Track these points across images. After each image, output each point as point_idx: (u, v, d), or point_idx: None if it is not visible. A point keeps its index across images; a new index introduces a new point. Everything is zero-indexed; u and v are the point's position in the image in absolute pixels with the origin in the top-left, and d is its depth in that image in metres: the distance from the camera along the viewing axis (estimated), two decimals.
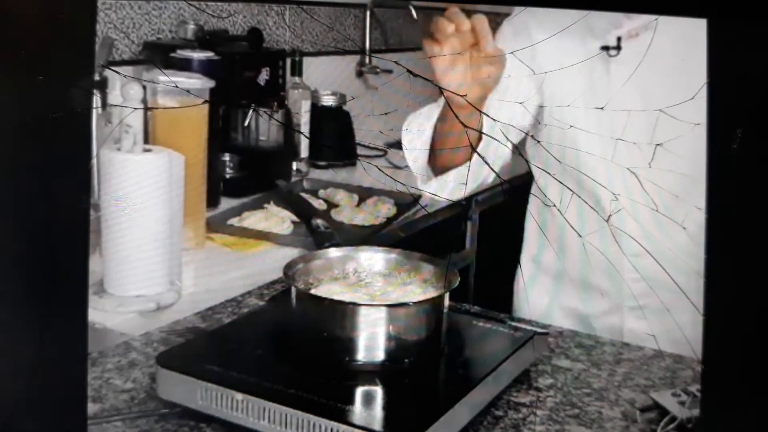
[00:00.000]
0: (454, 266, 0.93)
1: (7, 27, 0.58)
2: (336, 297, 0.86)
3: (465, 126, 0.82)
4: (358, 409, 0.76)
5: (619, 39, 1.15)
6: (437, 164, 1.12)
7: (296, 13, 2.16)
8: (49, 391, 0.64)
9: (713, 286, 0.60)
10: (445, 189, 1.12)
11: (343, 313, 0.83)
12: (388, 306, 0.84)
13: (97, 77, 1.25)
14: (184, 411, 0.79)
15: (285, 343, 0.87)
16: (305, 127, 1.95)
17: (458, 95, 0.97)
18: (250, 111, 1.75)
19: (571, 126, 0.96)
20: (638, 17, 1.13)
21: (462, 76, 0.99)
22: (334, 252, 0.97)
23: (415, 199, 1.07)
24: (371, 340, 0.82)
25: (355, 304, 0.84)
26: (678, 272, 0.81)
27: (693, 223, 0.84)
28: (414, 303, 0.85)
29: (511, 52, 1.04)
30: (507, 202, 1.70)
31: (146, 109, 1.21)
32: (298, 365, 0.83)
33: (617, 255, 1.03)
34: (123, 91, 1.16)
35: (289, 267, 0.90)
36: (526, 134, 1.05)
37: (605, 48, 1.16)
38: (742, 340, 0.59)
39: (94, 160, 1.05)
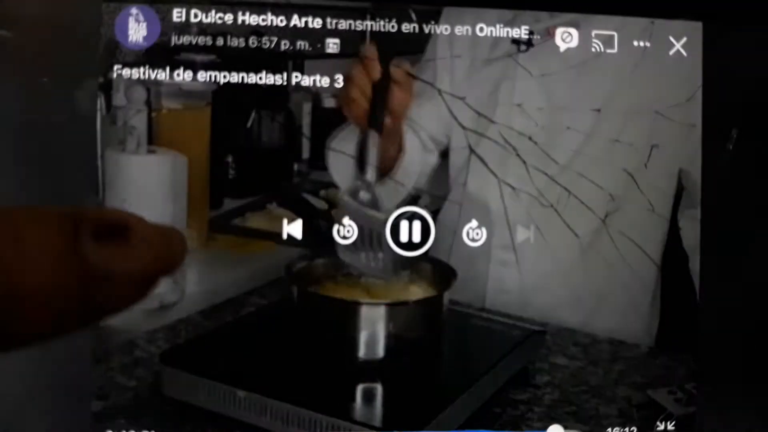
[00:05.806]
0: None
1: (11, 29, 0.59)
2: (336, 296, 0.87)
3: (458, 121, 0.83)
4: (358, 405, 0.77)
5: (531, 33, 1.13)
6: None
7: (297, 12, 2.17)
8: (53, 390, 0.65)
9: (708, 285, 0.61)
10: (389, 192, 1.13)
11: (343, 311, 0.84)
12: (388, 304, 0.85)
13: (101, 79, 1.26)
14: (188, 408, 0.80)
15: (286, 341, 0.88)
16: (307, 128, 1.95)
17: (457, 97, 0.98)
18: (252, 112, 1.75)
19: (569, 127, 0.97)
20: (561, 15, 1.11)
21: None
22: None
23: (415, 198, 1.08)
24: (371, 338, 0.83)
25: (356, 303, 0.85)
26: None
27: None
28: (414, 301, 0.86)
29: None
30: None
31: (150, 110, 1.21)
32: (300, 363, 0.84)
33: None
34: (127, 93, 1.16)
35: (290, 266, 0.91)
36: (529, 138, 1.05)
37: (515, 42, 1.14)
38: (737, 339, 0.60)
39: (99, 162, 1.06)
